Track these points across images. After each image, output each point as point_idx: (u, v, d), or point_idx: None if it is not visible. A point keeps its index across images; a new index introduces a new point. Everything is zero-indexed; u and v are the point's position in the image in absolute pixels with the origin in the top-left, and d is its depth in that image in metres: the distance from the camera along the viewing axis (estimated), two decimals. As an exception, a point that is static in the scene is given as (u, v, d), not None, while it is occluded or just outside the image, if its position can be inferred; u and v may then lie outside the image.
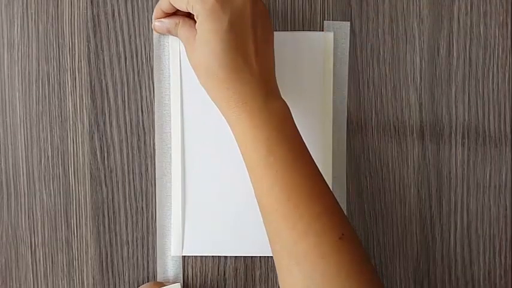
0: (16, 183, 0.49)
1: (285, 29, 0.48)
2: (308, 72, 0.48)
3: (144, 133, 0.49)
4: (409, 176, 0.48)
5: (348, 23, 0.48)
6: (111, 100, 0.48)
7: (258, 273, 0.49)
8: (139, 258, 0.49)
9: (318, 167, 0.48)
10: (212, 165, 0.48)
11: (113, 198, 0.49)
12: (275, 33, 0.47)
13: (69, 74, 0.48)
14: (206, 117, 0.48)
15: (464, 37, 0.48)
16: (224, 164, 0.48)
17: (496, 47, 0.48)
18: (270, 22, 0.43)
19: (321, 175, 0.41)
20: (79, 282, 0.49)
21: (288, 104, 0.48)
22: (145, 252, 0.49)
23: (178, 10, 0.43)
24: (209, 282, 0.49)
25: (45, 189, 0.49)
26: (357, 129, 0.48)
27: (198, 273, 0.49)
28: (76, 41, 0.48)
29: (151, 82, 0.48)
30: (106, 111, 0.48)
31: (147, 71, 0.48)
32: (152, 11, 0.48)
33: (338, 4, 0.48)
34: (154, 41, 0.48)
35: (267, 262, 0.49)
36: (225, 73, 0.40)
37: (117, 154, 0.49)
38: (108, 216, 0.49)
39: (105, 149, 0.49)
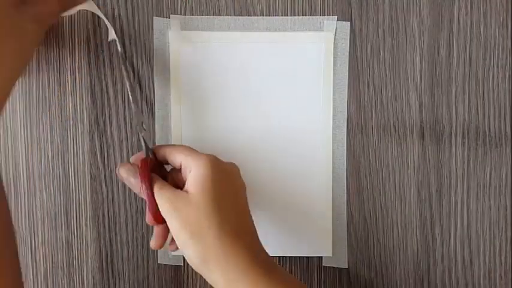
0: (16, 183, 0.49)
1: (285, 29, 0.48)
2: (308, 72, 0.48)
3: (144, 133, 0.49)
4: (409, 176, 0.48)
5: (348, 23, 0.48)
6: (111, 100, 0.48)
7: (258, 273, 0.49)
8: (139, 258, 0.49)
9: (318, 167, 0.48)
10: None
11: (112, 198, 0.49)
12: (276, 33, 0.47)
13: (69, 74, 0.48)
14: (205, 117, 0.48)
15: (464, 37, 0.48)
16: (224, 164, 0.48)
17: (496, 47, 0.48)
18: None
19: None
20: (79, 282, 0.49)
21: (287, 104, 0.48)
22: (145, 252, 0.49)
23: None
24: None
25: (45, 189, 0.49)
26: (357, 129, 0.48)
27: (198, 273, 0.49)
28: (76, 41, 0.48)
29: (151, 82, 0.48)
30: (106, 111, 0.48)
31: (147, 71, 0.48)
32: (152, 11, 0.48)
33: (338, 4, 0.48)
34: (155, 41, 0.48)
35: (267, 262, 0.49)
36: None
37: (117, 154, 0.49)
38: (108, 216, 0.49)
39: (105, 149, 0.49)
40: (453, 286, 0.49)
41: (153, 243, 0.42)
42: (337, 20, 0.48)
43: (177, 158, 0.41)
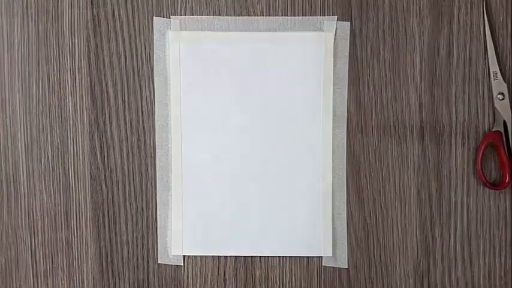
0: (16, 183, 0.49)
1: (285, 29, 0.48)
2: (308, 72, 0.48)
3: (144, 133, 0.49)
4: (409, 176, 0.48)
5: (348, 23, 0.48)
6: (111, 100, 0.48)
7: (258, 273, 0.49)
8: (139, 258, 0.49)
9: (318, 167, 0.48)
10: (212, 165, 0.48)
11: (112, 198, 0.49)
12: (276, 33, 0.48)
13: (69, 74, 0.48)
14: (206, 117, 0.48)
15: (464, 37, 0.48)
16: (224, 164, 0.48)
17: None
18: None
19: None
20: (79, 282, 0.49)
21: (287, 104, 0.48)
22: (145, 252, 0.49)
23: None
24: (209, 282, 0.49)
25: (45, 190, 0.49)
26: (357, 129, 0.48)
27: (198, 273, 0.49)
28: (76, 41, 0.48)
29: (151, 82, 0.48)
30: (106, 111, 0.49)
31: (147, 71, 0.48)
32: (152, 11, 0.48)
33: (338, 4, 0.48)
34: (155, 41, 0.48)
35: (267, 262, 0.49)
36: None
37: (117, 154, 0.49)
38: (108, 216, 0.49)
39: (105, 149, 0.49)
40: (453, 286, 0.49)
41: None
42: (337, 20, 0.48)
43: None
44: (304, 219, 0.48)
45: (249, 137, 0.48)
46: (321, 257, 0.49)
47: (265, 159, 0.48)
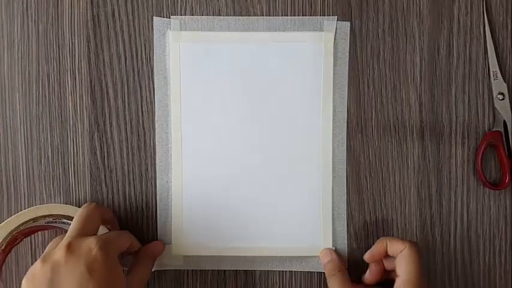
0: (16, 183, 0.49)
1: (285, 29, 0.48)
2: (308, 72, 0.48)
3: (144, 133, 0.49)
4: (409, 176, 0.48)
5: (348, 23, 0.48)
6: (111, 100, 0.48)
7: (258, 273, 0.49)
8: (139, 258, 0.49)
9: (318, 167, 0.48)
10: (212, 165, 0.48)
11: (112, 198, 0.49)
12: (276, 33, 0.48)
13: (69, 74, 0.48)
14: (206, 117, 0.48)
15: (464, 37, 0.48)
16: (224, 164, 0.48)
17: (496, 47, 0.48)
18: None
19: None
20: (79, 282, 0.49)
21: (287, 104, 0.48)
22: (146, 252, 0.49)
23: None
24: (209, 282, 0.49)
25: (45, 189, 0.49)
26: (357, 129, 0.48)
27: (198, 273, 0.49)
28: (76, 41, 0.48)
29: (151, 82, 0.48)
30: (106, 111, 0.49)
31: (147, 71, 0.48)
32: (152, 11, 0.48)
33: (338, 4, 0.48)
34: (155, 41, 0.48)
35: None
36: None
37: (117, 154, 0.49)
38: (108, 216, 0.49)
39: (105, 149, 0.49)
40: (453, 286, 0.49)
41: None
42: (337, 20, 0.48)
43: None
44: (304, 219, 0.48)
45: (249, 137, 0.48)
46: (321, 257, 0.49)
47: (265, 159, 0.48)
